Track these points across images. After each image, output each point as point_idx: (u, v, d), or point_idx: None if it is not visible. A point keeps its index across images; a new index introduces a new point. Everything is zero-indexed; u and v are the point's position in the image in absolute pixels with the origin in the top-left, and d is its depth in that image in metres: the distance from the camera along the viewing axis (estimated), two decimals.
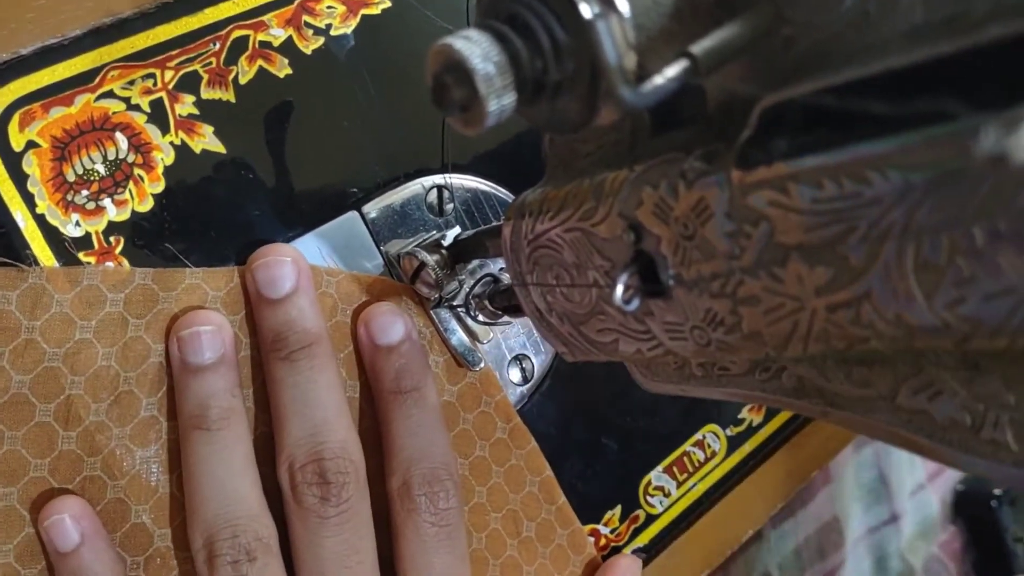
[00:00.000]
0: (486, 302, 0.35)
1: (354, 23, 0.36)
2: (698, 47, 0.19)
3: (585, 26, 0.19)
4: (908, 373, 0.20)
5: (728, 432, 0.45)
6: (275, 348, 0.32)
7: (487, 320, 0.36)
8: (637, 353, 0.26)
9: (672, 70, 0.19)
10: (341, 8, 0.36)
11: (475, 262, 0.35)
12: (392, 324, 0.34)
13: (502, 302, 0.34)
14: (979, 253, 0.16)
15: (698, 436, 0.44)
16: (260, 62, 0.34)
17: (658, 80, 0.19)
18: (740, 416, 0.45)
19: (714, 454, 0.45)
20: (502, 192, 0.39)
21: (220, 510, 0.30)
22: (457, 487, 0.33)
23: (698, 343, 0.23)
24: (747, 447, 0.45)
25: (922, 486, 0.80)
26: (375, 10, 0.37)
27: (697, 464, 0.44)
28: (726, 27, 0.20)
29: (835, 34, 0.19)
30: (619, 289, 0.23)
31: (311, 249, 0.35)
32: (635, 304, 0.23)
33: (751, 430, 0.46)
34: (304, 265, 0.33)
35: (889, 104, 0.17)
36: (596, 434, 0.41)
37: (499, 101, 0.19)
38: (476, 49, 0.19)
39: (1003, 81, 0.15)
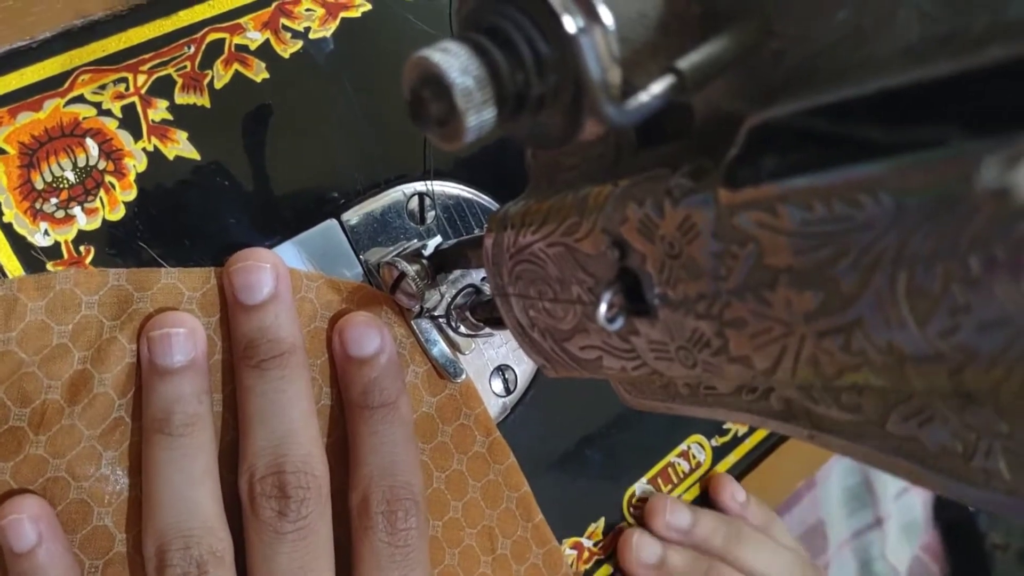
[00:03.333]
0: (467, 313, 0.34)
1: (333, 26, 0.35)
2: (685, 62, 0.18)
3: (568, 40, 0.18)
4: (898, 399, 0.20)
5: (713, 442, 0.45)
6: (247, 355, 0.31)
7: (468, 332, 0.35)
8: (621, 371, 0.25)
9: (658, 86, 0.18)
10: (320, 11, 0.35)
11: (457, 272, 0.35)
12: (367, 336, 0.33)
13: (484, 314, 0.34)
14: (974, 281, 0.15)
15: (683, 447, 0.44)
16: (236, 66, 0.33)
17: (643, 97, 0.18)
18: (725, 427, 0.45)
19: (699, 465, 0.44)
20: (485, 199, 0.39)
21: (174, 519, 0.29)
22: (419, 508, 0.32)
23: (684, 364, 0.23)
24: (732, 457, 0.45)
25: (906, 489, 0.80)
26: (355, 13, 0.36)
27: (682, 475, 0.43)
28: (713, 41, 0.19)
29: (827, 49, 0.19)
30: (603, 307, 0.23)
31: (289, 258, 0.34)
32: (619, 323, 0.23)
33: (736, 440, 0.45)
34: (283, 271, 0.32)
35: (884, 126, 0.16)
36: (580, 445, 0.41)
37: (478, 116, 0.19)
38: (454, 62, 0.18)
39: (1004, 105, 0.15)
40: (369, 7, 0.36)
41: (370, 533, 0.31)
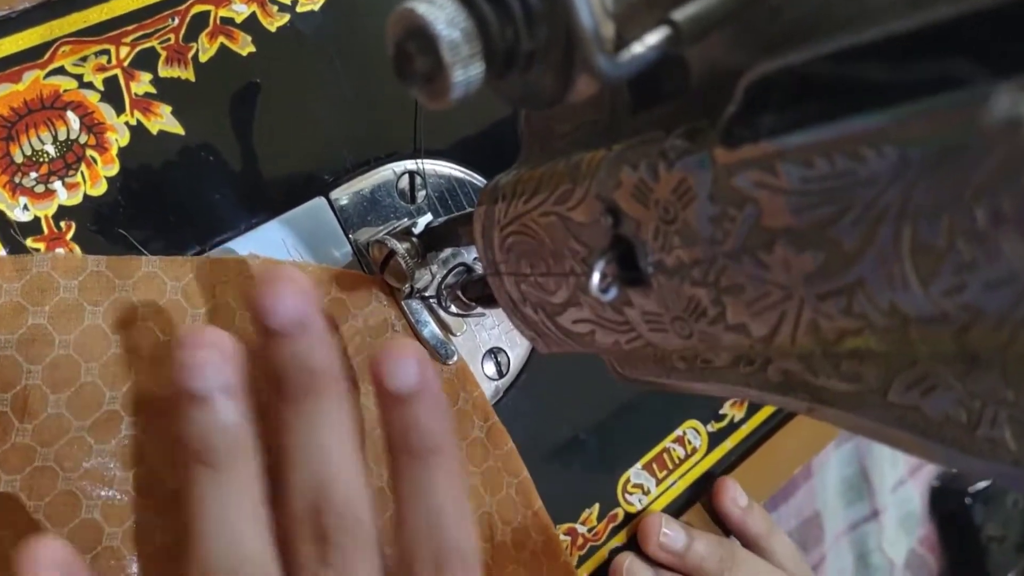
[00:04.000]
0: (459, 292, 0.33)
1: None
2: (680, 13, 0.18)
3: None
4: (901, 366, 0.19)
5: (709, 428, 0.44)
6: (279, 388, 0.28)
7: (459, 311, 0.34)
8: (615, 345, 0.25)
9: (653, 38, 0.17)
10: None
11: (448, 251, 0.34)
12: (405, 367, 0.28)
13: (475, 292, 0.33)
14: (981, 236, 0.15)
15: (678, 432, 0.43)
16: (222, 39, 0.33)
17: (637, 49, 0.17)
18: (721, 412, 0.44)
19: (695, 450, 0.43)
20: (477, 178, 0.38)
21: (221, 552, 0.26)
22: (472, 570, 0.28)
23: (679, 334, 0.22)
24: (728, 443, 0.44)
25: (903, 481, 0.80)
26: None
27: (677, 461, 0.43)
28: None
29: (825, 3, 0.18)
30: (595, 277, 0.22)
31: (275, 237, 0.33)
32: (612, 293, 0.22)
33: (732, 426, 0.45)
34: (313, 295, 0.28)
35: (888, 72, 0.16)
36: (573, 430, 0.40)
37: (466, 71, 0.18)
38: (440, 14, 0.18)
39: (1007, 50, 0.14)
40: None
41: None
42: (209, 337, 0.27)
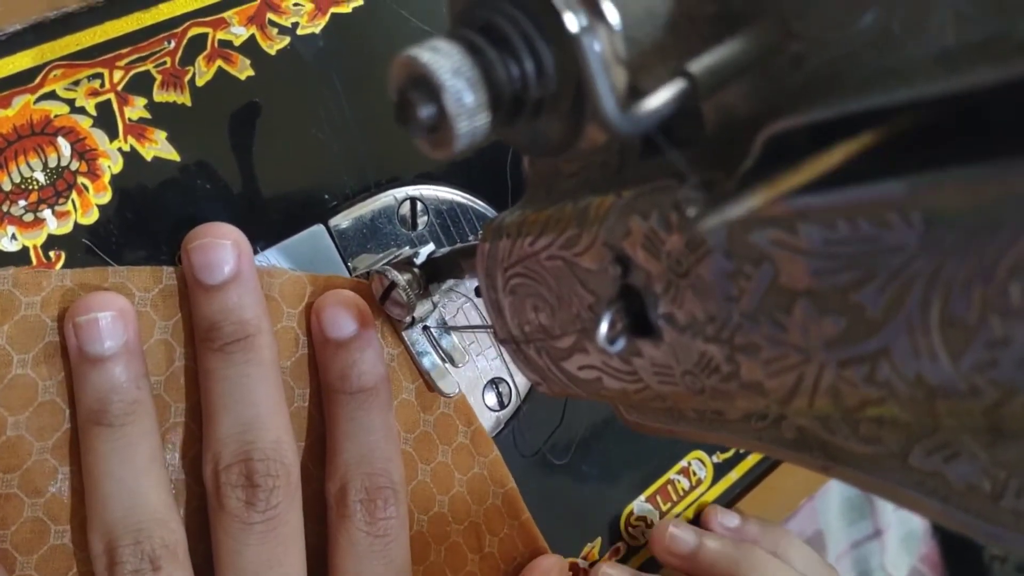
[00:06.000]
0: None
1: (323, 22, 0.34)
2: (697, 65, 0.17)
3: (570, 40, 0.16)
4: (922, 432, 0.18)
5: (714, 459, 0.43)
6: (208, 338, 0.29)
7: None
8: (622, 394, 0.24)
9: (667, 92, 0.16)
10: (309, 6, 0.33)
11: (450, 282, 0.33)
12: (343, 316, 0.31)
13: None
14: (1016, 312, 0.14)
15: (683, 463, 0.42)
16: (219, 62, 0.32)
17: (651, 104, 0.16)
18: None
19: (700, 482, 0.43)
20: (480, 205, 0.37)
21: (121, 513, 0.27)
22: (399, 497, 0.31)
23: (690, 389, 0.21)
24: (734, 474, 0.43)
25: None
26: (346, 8, 0.34)
27: (682, 492, 0.42)
28: (728, 43, 0.18)
29: (850, 54, 0.17)
30: (603, 326, 0.21)
31: (273, 264, 0.32)
32: (620, 344, 0.21)
33: (739, 457, 0.44)
34: (246, 248, 0.30)
35: (919, 134, 0.15)
36: (576, 461, 0.39)
37: (471, 122, 0.17)
38: (445, 62, 0.17)
39: None
40: (360, 2, 0.35)
41: (348, 523, 0.30)
42: (102, 300, 0.28)
